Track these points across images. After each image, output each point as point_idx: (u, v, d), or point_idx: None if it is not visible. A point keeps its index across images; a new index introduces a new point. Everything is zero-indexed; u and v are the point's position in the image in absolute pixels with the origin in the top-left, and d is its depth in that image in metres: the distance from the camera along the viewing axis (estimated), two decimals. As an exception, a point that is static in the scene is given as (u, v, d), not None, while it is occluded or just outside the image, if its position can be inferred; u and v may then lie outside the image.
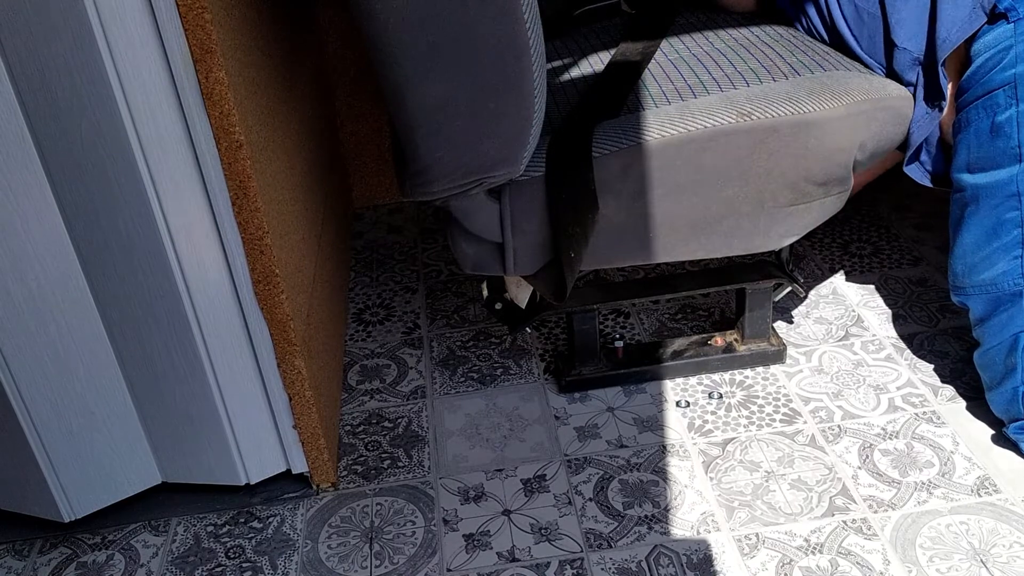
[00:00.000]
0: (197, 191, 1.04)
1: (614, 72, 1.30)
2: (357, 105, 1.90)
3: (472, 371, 1.49)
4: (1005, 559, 1.10)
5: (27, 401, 1.13)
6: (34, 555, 1.23)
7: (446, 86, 1.00)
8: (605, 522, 1.20)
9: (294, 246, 1.23)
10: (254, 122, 1.08)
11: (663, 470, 1.27)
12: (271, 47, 1.25)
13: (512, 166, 1.10)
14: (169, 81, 0.97)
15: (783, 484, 1.23)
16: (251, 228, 1.07)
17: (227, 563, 1.19)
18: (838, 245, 1.74)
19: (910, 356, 1.44)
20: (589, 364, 1.41)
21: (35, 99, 0.97)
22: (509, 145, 1.08)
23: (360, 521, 1.23)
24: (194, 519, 1.26)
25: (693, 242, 1.23)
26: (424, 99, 1.00)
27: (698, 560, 1.13)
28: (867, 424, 1.31)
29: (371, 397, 1.46)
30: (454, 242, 1.22)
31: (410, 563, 1.16)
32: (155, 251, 1.06)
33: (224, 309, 1.12)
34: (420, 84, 0.99)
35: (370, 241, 1.89)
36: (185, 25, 0.94)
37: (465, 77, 1.00)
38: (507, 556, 1.16)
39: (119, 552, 1.22)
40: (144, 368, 1.16)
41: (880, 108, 1.20)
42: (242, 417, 1.21)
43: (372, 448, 1.35)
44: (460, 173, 1.08)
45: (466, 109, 1.02)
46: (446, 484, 1.28)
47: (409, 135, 1.04)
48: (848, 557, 1.12)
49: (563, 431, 1.35)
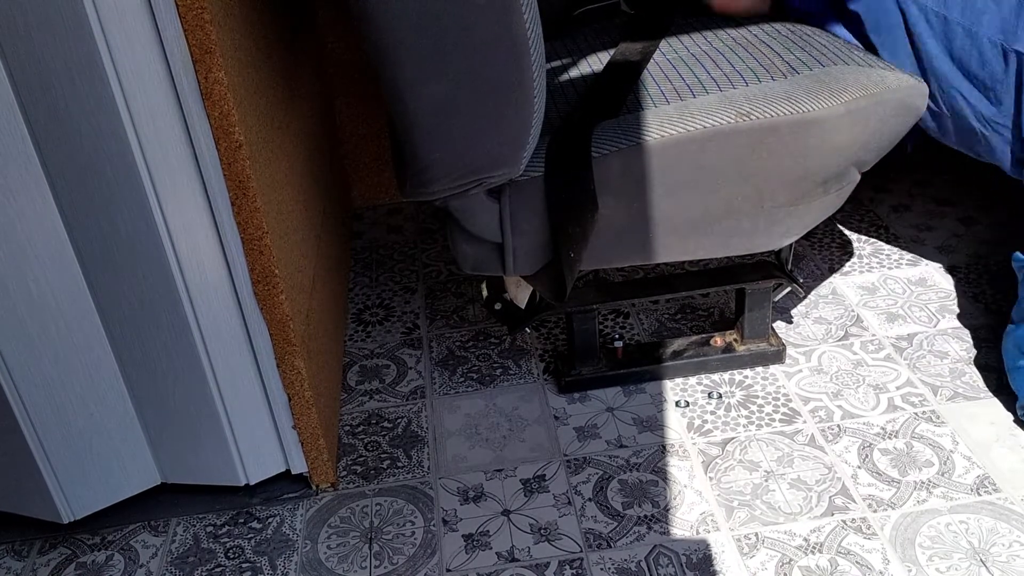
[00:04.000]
0: (197, 191, 1.04)
1: (613, 72, 1.30)
2: (357, 105, 1.90)
3: (472, 371, 1.49)
4: (1004, 558, 1.10)
5: (26, 402, 1.13)
6: (33, 555, 1.23)
7: (445, 87, 1.00)
8: (604, 522, 1.20)
9: (294, 246, 1.23)
10: (254, 122, 1.08)
11: (662, 470, 1.27)
12: (271, 47, 1.25)
13: (512, 166, 1.10)
14: (169, 81, 0.97)
15: (783, 484, 1.23)
16: (251, 228, 1.07)
17: (226, 563, 1.19)
18: (838, 245, 1.74)
19: (910, 356, 1.44)
20: (589, 364, 1.41)
21: (35, 100, 0.97)
22: (509, 145, 1.08)
23: (360, 521, 1.23)
24: (193, 519, 1.26)
25: (692, 242, 1.23)
26: (423, 100, 1.00)
27: (698, 560, 1.13)
28: (867, 424, 1.31)
29: (370, 397, 1.46)
30: (454, 242, 1.22)
31: (409, 563, 1.16)
32: (155, 251, 1.06)
33: (223, 309, 1.12)
34: (419, 85, 0.99)
35: (370, 241, 1.89)
36: (184, 25, 0.94)
37: (464, 78, 1.00)
38: (506, 556, 1.16)
39: (118, 552, 1.22)
40: (143, 368, 1.16)
41: (879, 103, 1.20)
42: (241, 417, 1.21)
43: (371, 448, 1.35)
44: (460, 173, 1.08)
45: (466, 109, 1.02)
46: (445, 484, 1.28)
47: (408, 135, 1.04)
48: (848, 556, 1.12)
49: (563, 431, 1.35)
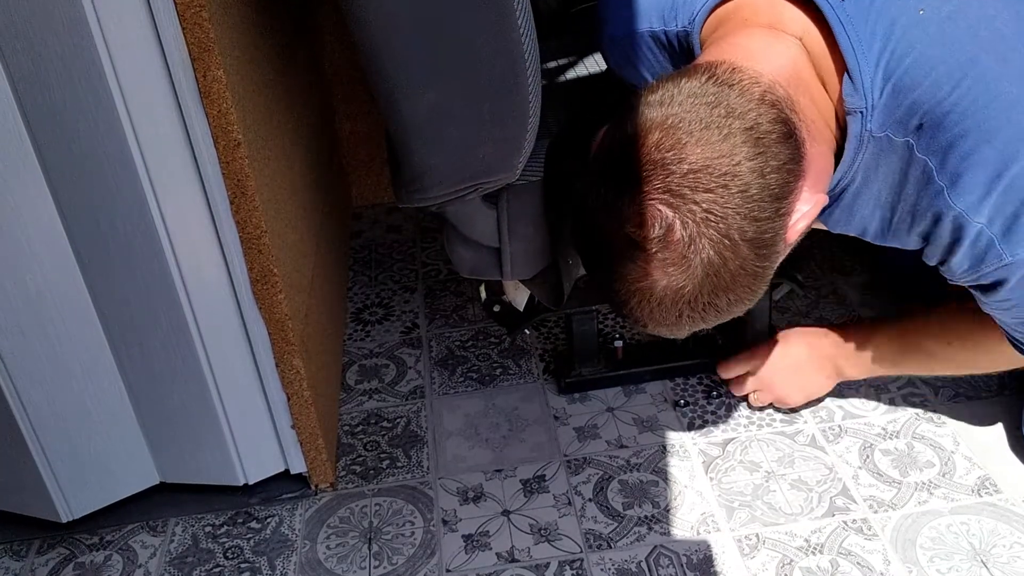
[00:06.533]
0: (195, 190, 1.04)
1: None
2: (356, 104, 1.90)
3: (471, 371, 1.49)
4: (1006, 559, 1.10)
5: (24, 401, 1.13)
6: (32, 555, 1.22)
7: (439, 93, 0.99)
8: (605, 522, 1.19)
9: (292, 245, 1.22)
10: (252, 121, 1.08)
11: (663, 470, 1.27)
12: (269, 46, 1.24)
13: (508, 171, 1.09)
14: (167, 80, 0.97)
15: (783, 484, 1.23)
16: (249, 227, 1.07)
17: (225, 563, 1.18)
18: (838, 245, 1.73)
19: (910, 356, 1.44)
20: (588, 364, 1.41)
21: (32, 99, 0.96)
22: (505, 150, 1.07)
23: (359, 521, 1.23)
24: (192, 519, 1.26)
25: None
26: (417, 106, 0.99)
27: (698, 560, 1.13)
28: (867, 424, 1.31)
29: (370, 397, 1.45)
30: (451, 247, 1.21)
31: (409, 563, 1.16)
32: (153, 250, 1.06)
33: (222, 308, 1.12)
34: (413, 92, 0.98)
35: (369, 240, 1.89)
36: (183, 23, 0.94)
37: (458, 84, 0.99)
38: (506, 557, 1.16)
39: (117, 552, 1.22)
40: (142, 368, 1.15)
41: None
42: (240, 417, 1.20)
43: (371, 448, 1.35)
44: (456, 179, 1.07)
45: (460, 115, 1.01)
46: (445, 484, 1.28)
47: (403, 142, 1.03)
48: (848, 557, 1.12)
49: (563, 431, 1.35)
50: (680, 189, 0.81)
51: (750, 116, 0.82)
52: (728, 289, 0.84)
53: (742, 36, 0.91)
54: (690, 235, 0.81)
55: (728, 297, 0.85)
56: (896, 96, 0.87)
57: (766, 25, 0.91)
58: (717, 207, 0.81)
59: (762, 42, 0.90)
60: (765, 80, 0.85)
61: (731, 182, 0.80)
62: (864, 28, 0.87)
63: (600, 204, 0.86)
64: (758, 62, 0.86)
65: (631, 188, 0.83)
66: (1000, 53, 0.84)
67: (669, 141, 0.82)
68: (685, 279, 0.83)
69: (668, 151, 0.82)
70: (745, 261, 0.83)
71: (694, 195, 0.81)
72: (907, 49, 0.86)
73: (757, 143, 0.81)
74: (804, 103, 0.87)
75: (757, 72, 0.85)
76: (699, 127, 0.81)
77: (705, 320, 0.88)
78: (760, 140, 0.82)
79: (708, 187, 0.80)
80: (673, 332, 0.90)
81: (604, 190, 0.86)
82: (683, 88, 0.84)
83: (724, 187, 0.80)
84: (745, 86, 0.84)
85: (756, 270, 0.85)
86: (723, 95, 0.83)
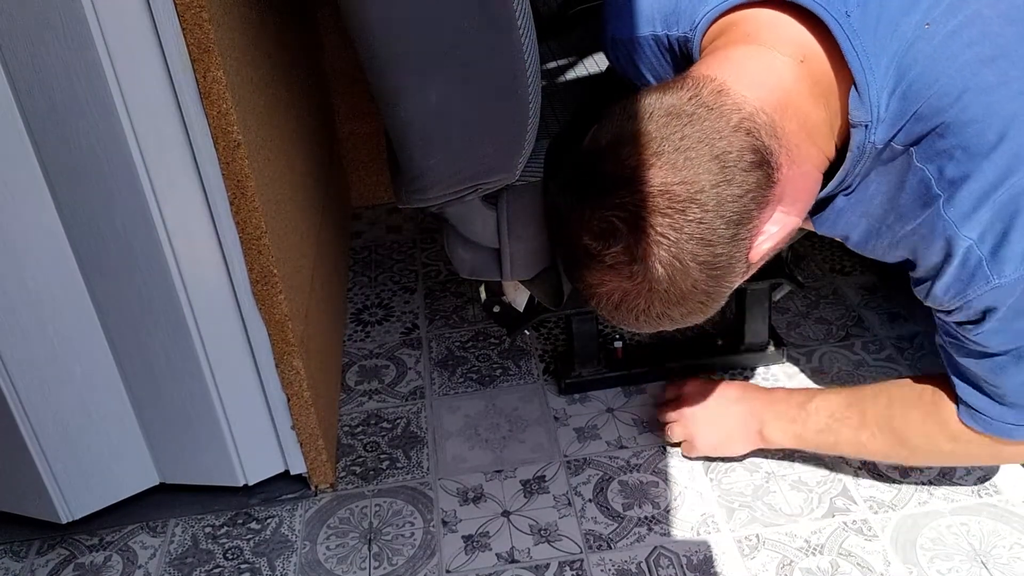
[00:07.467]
0: (195, 191, 1.04)
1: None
2: (356, 105, 1.90)
3: (471, 372, 1.49)
4: (1006, 560, 1.10)
5: (24, 402, 1.12)
6: (32, 556, 1.22)
7: (439, 94, 0.99)
8: (605, 523, 1.19)
9: (292, 246, 1.22)
10: (252, 121, 1.08)
11: (663, 471, 1.27)
12: (269, 46, 1.24)
13: (508, 172, 1.09)
14: (167, 80, 0.97)
15: (783, 485, 1.23)
16: (249, 228, 1.07)
17: (225, 564, 1.18)
18: (838, 245, 1.73)
19: (911, 356, 1.44)
20: (588, 365, 1.41)
21: (32, 99, 0.96)
22: (504, 151, 1.07)
23: (359, 522, 1.23)
24: (192, 520, 1.26)
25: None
26: (417, 107, 0.99)
27: (698, 561, 1.13)
28: (867, 425, 1.31)
29: (370, 398, 1.45)
30: (451, 248, 1.20)
31: (409, 564, 1.16)
32: (153, 251, 1.06)
33: (222, 309, 1.12)
34: (412, 93, 0.98)
35: (369, 241, 1.89)
36: (183, 24, 0.94)
37: (458, 85, 0.98)
38: (506, 557, 1.16)
39: (117, 553, 1.22)
40: (141, 368, 1.15)
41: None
42: (240, 418, 1.20)
43: (371, 449, 1.35)
44: (455, 180, 1.07)
45: (460, 116, 1.01)
46: (445, 485, 1.28)
47: (402, 143, 1.03)
48: (849, 558, 1.12)
49: (563, 432, 1.35)
50: (638, 209, 0.83)
51: (721, 144, 0.83)
52: (679, 304, 0.87)
53: (740, 51, 0.91)
54: (642, 253, 0.84)
55: (681, 310, 0.88)
56: (900, 108, 0.87)
57: (767, 44, 0.91)
58: (672, 231, 0.83)
59: (758, 63, 0.90)
60: (748, 107, 0.85)
61: (688, 208, 0.82)
62: (871, 42, 0.87)
63: (566, 208, 0.89)
64: (747, 85, 0.86)
65: (592, 200, 0.86)
66: (1002, 69, 0.85)
67: (637, 159, 0.84)
68: (635, 292, 0.87)
69: (634, 168, 0.83)
70: (696, 282, 0.85)
71: (651, 217, 0.83)
72: (911, 63, 0.86)
73: (723, 171, 0.83)
74: (790, 128, 0.87)
75: (742, 98, 0.85)
76: (670, 148, 0.83)
77: (663, 326, 0.91)
78: (726, 168, 0.83)
79: (665, 211, 0.82)
80: (637, 331, 0.92)
81: (570, 196, 0.89)
82: (664, 103, 0.86)
83: (681, 213, 0.82)
84: (725, 111, 0.84)
85: (708, 289, 0.87)
86: (700, 117, 0.84)
